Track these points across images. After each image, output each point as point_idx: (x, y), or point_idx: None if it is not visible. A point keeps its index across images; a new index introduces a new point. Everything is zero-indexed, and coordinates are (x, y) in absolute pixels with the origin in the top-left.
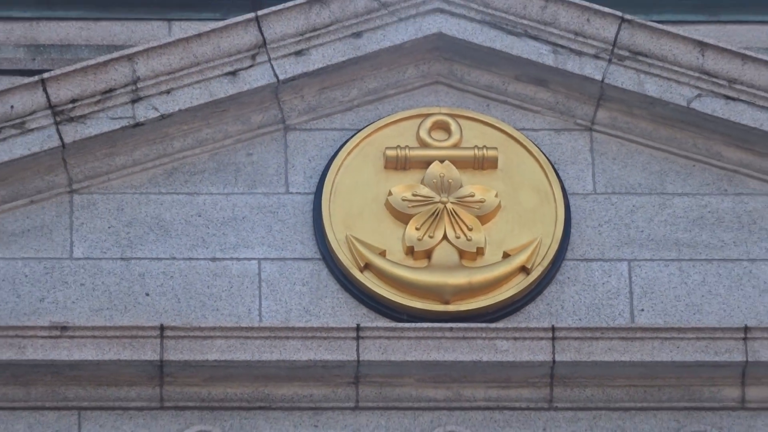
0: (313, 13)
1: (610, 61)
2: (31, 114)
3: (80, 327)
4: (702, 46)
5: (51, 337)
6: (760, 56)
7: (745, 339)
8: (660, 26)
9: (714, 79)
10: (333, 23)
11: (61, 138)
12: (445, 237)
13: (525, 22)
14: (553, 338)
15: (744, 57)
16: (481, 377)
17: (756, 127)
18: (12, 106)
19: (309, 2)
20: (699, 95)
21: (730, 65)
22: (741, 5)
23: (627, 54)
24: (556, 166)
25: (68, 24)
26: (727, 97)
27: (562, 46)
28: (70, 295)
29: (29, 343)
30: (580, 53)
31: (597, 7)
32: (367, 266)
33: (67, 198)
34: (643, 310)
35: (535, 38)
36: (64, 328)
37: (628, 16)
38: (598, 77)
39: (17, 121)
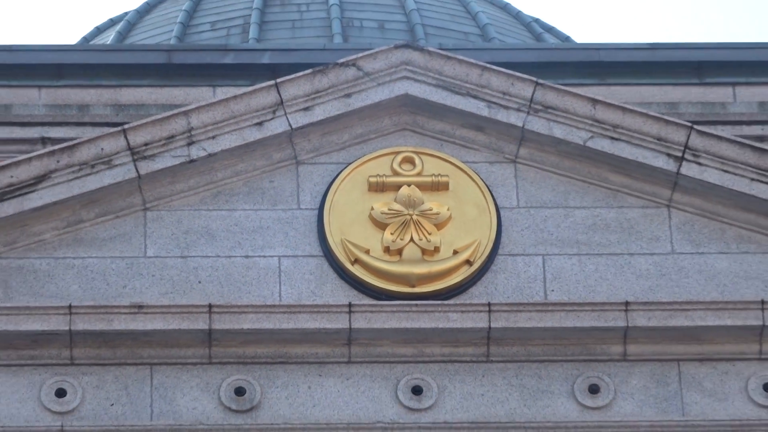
0: (316, 81)
1: (528, 113)
2: (116, 154)
3: (151, 306)
4: (594, 101)
5: (131, 313)
6: (635, 108)
7: (626, 310)
8: (563, 87)
9: (602, 125)
10: (330, 87)
11: (137, 171)
12: (411, 239)
13: (467, 85)
14: (489, 311)
15: (624, 109)
16: (438, 339)
17: (633, 159)
18: (102, 149)
19: (313, 73)
20: (592, 137)
21: (614, 115)
22: (622, 73)
23: (540, 108)
24: (490, 188)
25: (141, 90)
26: (612, 138)
27: (494, 102)
28: (144, 283)
29: (115, 318)
30: (507, 107)
31: (518, 74)
32: (356, 261)
33: (141, 214)
34: (553, 290)
35: (475, 97)
36: (140, 307)
37: (541, 81)
38: (520, 124)
39: (106, 159)
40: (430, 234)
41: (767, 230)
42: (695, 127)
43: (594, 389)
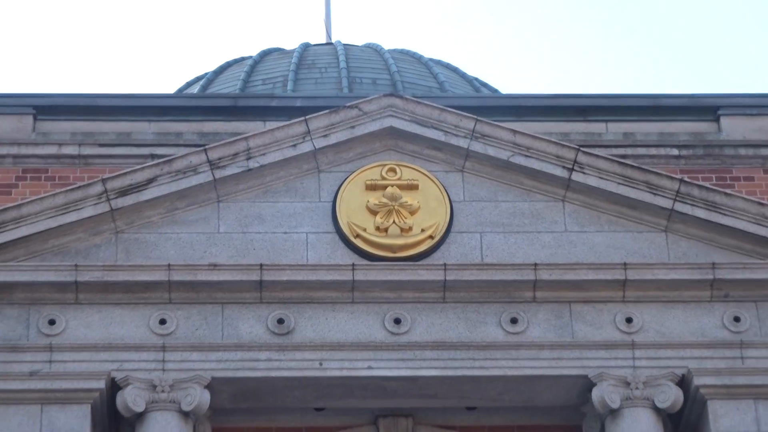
0: (332, 117)
1: (471, 139)
2: (199, 165)
3: (222, 264)
4: (513, 132)
5: (209, 269)
6: (541, 136)
7: (535, 269)
8: (494, 123)
9: (520, 147)
10: (341, 122)
11: (213, 176)
12: (394, 221)
13: (431, 120)
14: (445, 269)
15: (533, 137)
16: (411, 287)
17: (540, 170)
18: (191, 161)
19: (329, 112)
20: (513, 155)
21: (527, 141)
22: (533, 113)
23: (479, 135)
24: (446, 188)
25: (216, 123)
26: (526, 156)
27: (449, 132)
28: (218, 249)
29: (198, 272)
30: (457, 135)
31: (464, 114)
32: (357, 236)
33: (216, 204)
34: (487, 255)
35: (436, 128)
36: (215, 265)
37: (479, 118)
38: (465, 147)
39: (193, 168)
40: (406, 218)
41: (628, 216)
42: (581, 149)
43: (514, 321)
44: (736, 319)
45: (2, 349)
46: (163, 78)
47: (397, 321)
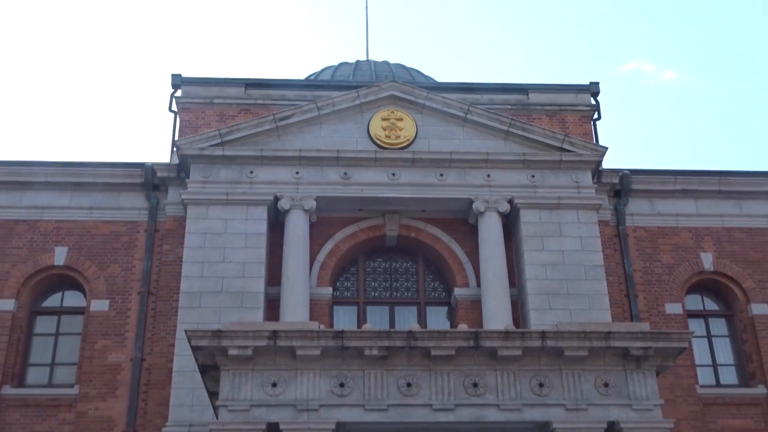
0: (368, 90)
1: (425, 100)
2: (312, 108)
3: (322, 149)
4: (443, 97)
5: (316, 151)
6: (455, 100)
7: (450, 155)
8: (435, 94)
9: (445, 104)
10: (371, 92)
11: (318, 113)
12: (393, 133)
13: (408, 92)
14: (414, 154)
15: (451, 99)
16: (400, 161)
17: (454, 113)
18: (309, 107)
19: (366, 88)
20: (442, 107)
21: (449, 101)
22: (452, 90)
23: (429, 98)
24: (416, 121)
25: (321, 92)
26: (448, 107)
27: (416, 97)
28: (319, 142)
29: (311, 153)
30: (419, 98)
31: (423, 90)
32: (378, 138)
33: (319, 125)
34: (431, 147)
35: (410, 95)
36: (318, 149)
37: (429, 92)
38: (422, 103)
39: (309, 109)
40: (398, 132)
41: (490, 133)
42: (471, 105)
43: (441, 175)
44: (533, 176)
45: (230, 184)
46: (296, 72)
47: (393, 174)
